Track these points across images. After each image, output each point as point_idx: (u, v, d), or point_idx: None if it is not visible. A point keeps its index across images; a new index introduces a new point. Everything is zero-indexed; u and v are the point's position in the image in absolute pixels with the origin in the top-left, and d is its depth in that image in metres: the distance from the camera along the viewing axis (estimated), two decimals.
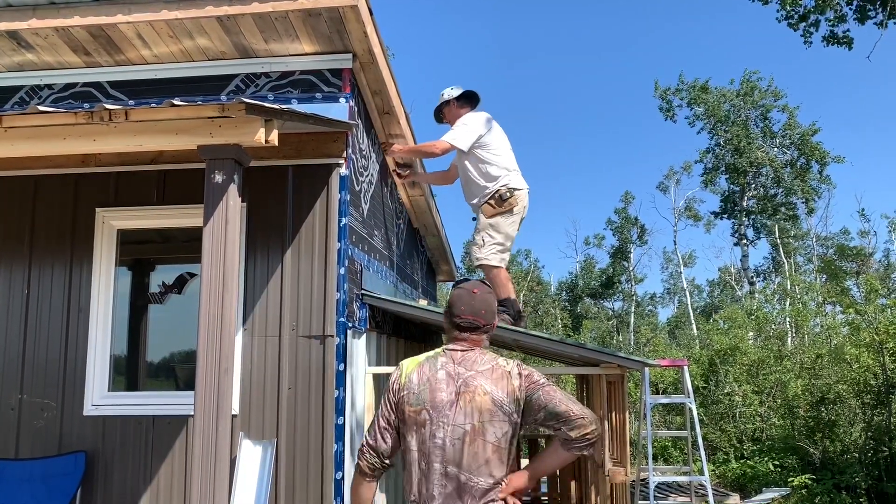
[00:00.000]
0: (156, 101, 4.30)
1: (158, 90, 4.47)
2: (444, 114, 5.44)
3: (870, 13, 9.21)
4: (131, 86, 4.54)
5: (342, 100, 4.36)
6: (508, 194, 5.00)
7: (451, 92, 5.39)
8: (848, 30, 9.74)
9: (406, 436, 2.45)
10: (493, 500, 2.37)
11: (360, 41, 4.25)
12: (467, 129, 5.07)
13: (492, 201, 5.02)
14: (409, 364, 2.56)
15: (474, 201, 5.20)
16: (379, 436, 2.49)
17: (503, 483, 2.40)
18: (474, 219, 5.32)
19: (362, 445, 2.54)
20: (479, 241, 5.03)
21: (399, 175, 5.99)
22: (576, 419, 2.37)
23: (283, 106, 3.57)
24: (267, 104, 3.25)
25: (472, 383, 2.43)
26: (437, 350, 2.60)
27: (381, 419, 2.51)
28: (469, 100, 5.40)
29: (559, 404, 2.39)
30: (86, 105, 4.50)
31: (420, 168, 6.24)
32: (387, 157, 5.67)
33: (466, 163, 5.13)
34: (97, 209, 4.52)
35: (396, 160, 5.80)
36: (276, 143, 3.32)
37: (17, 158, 4.27)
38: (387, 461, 2.50)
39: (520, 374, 2.47)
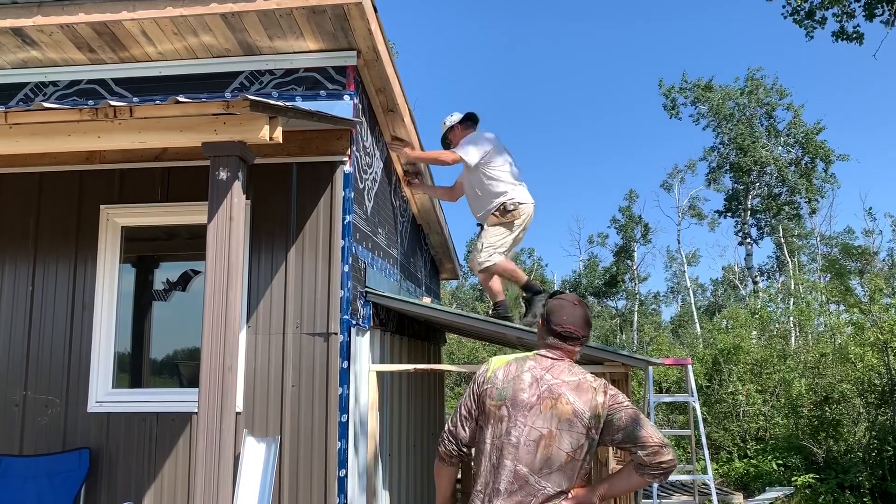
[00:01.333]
0: (160, 98, 4.30)
1: (163, 87, 4.47)
2: (450, 140, 5.67)
3: (876, 11, 9.17)
4: (136, 83, 4.54)
5: (346, 97, 4.36)
6: (512, 207, 5.24)
7: (453, 118, 5.67)
8: (858, 25, 9.70)
9: (484, 428, 2.53)
10: None
11: (365, 38, 4.24)
12: (476, 145, 5.30)
13: (496, 213, 5.25)
14: (498, 361, 2.63)
15: (480, 214, 5.38)
16: (459, 424, 2.59)
17: (569, 494, 2.42)
18: (479, 224, 5.46)
19: (444, 432, 2.63)
20: (479, 246, 5.30)
21: (409, 183, 6.15)
22: (653, 445, 2.38)
23: (287, 103, 3.57)
24: (271, 101, 3.24)
25: (557, 391, 2.48)
26: (528, 353, 2.65)
27: (462, 408, 2.60)
28: (471, 121, 5.66)
29: (639, 428, 2.42)
30: (90, 102, 4.50)
31: (429, 179, 6.39)
32: (391, 153, 5.68)
33: (472, 179, 5.36)
34: (101, 206, 4.52)
35: (404, 166, 5.94)
36: (281, 141, 3.32)
37: (21, 155, 4.28)
38: (464, 449, 2.58)
39: (605, 392, 2.50)
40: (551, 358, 2.58)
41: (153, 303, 4.60)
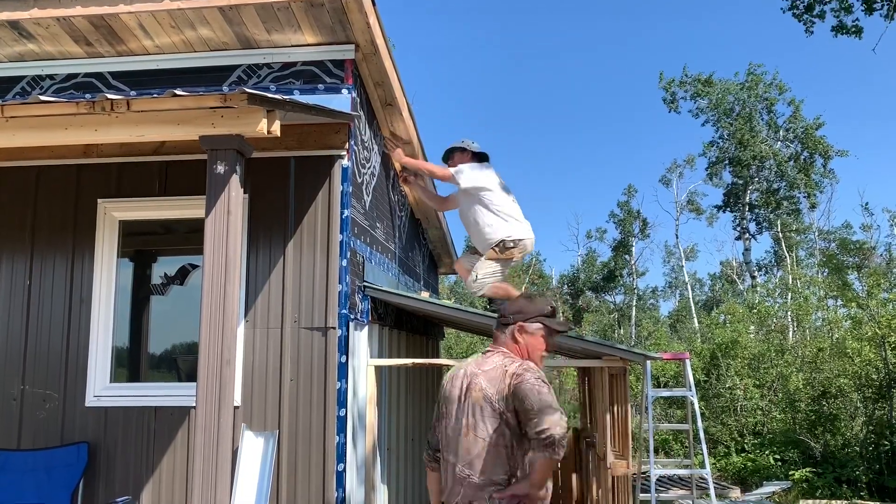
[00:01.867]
0: (157, 91, 4.29)
1: (160, 81, 4.46)
2: (452, 158, 5.64)
3: (875, 6, 9.18)
4: (133, 76, 4.53)
5: (344, 91, 4.35)
6: (512, 244, 5.24)
7: (471, 145, 5.65)
8: (857, 19, 9.72)
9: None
10: (482, 498, 2.42)
11: (363, 32, 4.23)
12: (472, 172, 5.27)
13: (496, 248, 5.26)
14: (455, 366, 2.78)
15: (480, 247, 5.39)
16: (432, 429, 2.75)
17: (502, 484, 2.43)
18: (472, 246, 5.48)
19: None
20: (474, 276, 5.26)
21: (405, 179, 6.14)
22: (533, 417, 2.30)
23: (285, 97, 3.56)
24: (269, 94, 3.23)
25: (475, 381, 2.55)
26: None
27: (435, 414, 2.76)
28: (480, 158, 5.61)
29: (526, 400, 2.35)
30: (87, 95, 4.49)
31: (428, 180, 6.36)
32: (387, 152, 5.67)
33: (470, 211, 5.39)
34: (99, 200, 4.51)
35: (396, 165, 5.93)
36: (279, 134, 3.31)
37: (19, 148, 4.26)
38: (438, 453, 2.70)
39: (514, 373, 2.46)
40: (488, 351, 2.67)
41: (151, 297, 4.60)
